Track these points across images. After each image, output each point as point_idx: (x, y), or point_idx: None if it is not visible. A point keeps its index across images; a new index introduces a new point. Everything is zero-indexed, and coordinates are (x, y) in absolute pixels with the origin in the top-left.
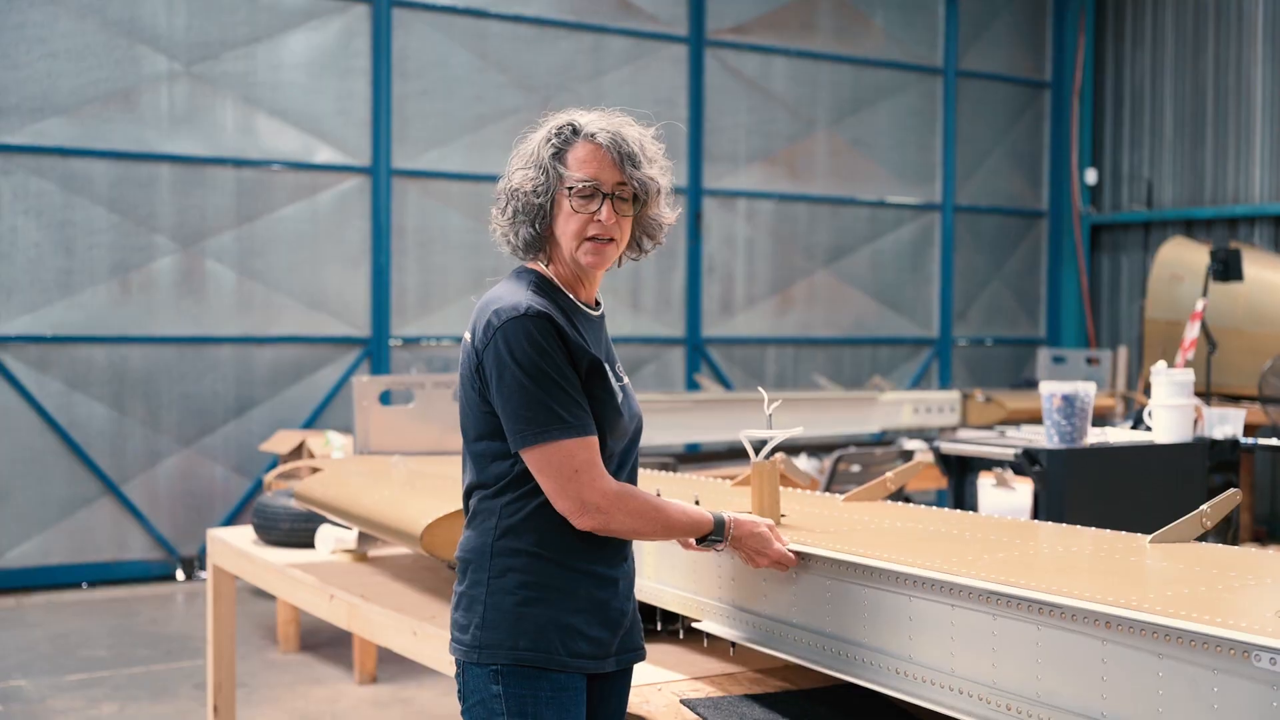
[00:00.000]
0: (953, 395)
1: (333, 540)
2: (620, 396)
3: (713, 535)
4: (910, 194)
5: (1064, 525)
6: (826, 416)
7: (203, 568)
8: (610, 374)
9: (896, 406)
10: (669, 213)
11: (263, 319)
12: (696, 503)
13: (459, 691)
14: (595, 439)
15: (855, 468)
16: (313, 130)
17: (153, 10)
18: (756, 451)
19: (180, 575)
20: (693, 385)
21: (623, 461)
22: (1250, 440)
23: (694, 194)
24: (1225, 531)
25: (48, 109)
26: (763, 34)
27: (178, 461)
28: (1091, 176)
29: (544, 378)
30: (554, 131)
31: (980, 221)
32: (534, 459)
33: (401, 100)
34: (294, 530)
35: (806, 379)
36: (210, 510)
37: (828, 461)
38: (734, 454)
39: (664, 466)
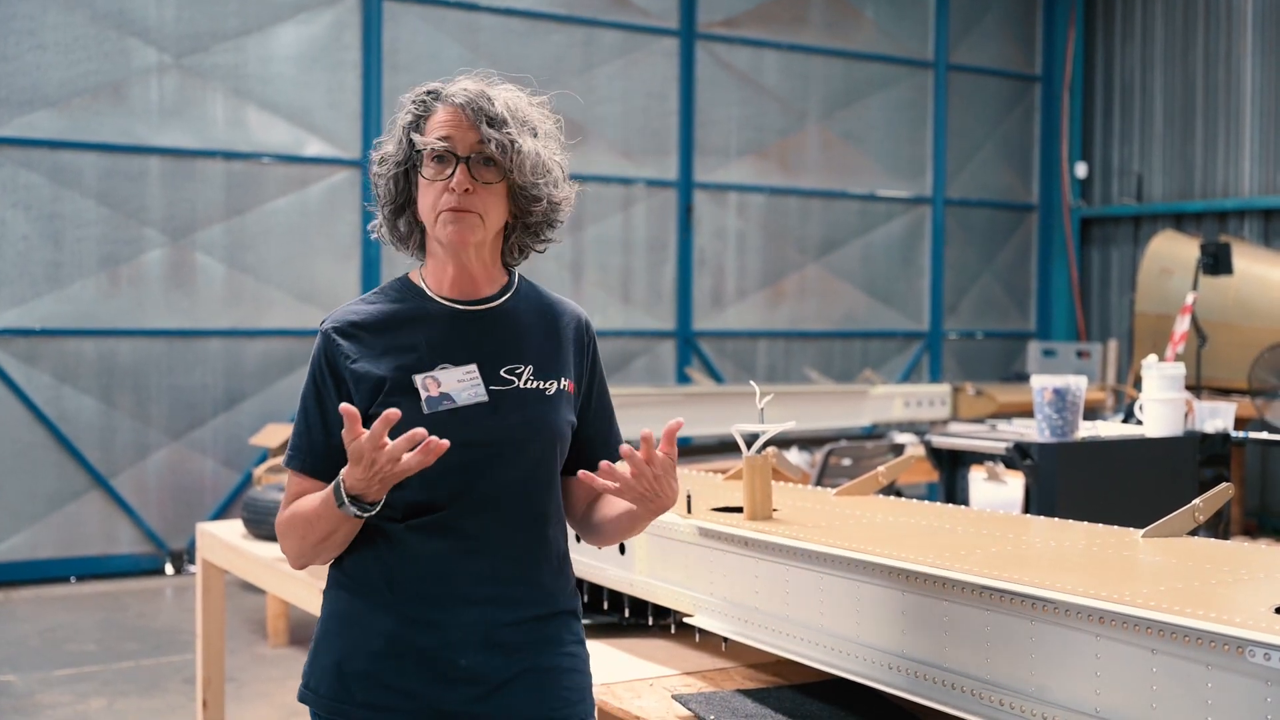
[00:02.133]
0: (943, 389)
1: None
2: (443, 407)
3: (335, 490)
4: (901, 187)
5: (1056, 519)
6: (817, 410)
7: (192, 562)
8: (422, 386)
9: (887, 400)
10: (559, 189)
11: (253, 312)
12: (689, 499)
13: None
14: (300, 477)
15: (846, 461)
16: (303, 123)
17: (142, 2)
18: (748, 446)
19: (169, 569)
20: (683, 379)
21: (473, 481)
22: (1241, 434)
23: (685, 187)
24: (1216, 525)
25: (36, 101)
26: (754, 27)
27: (167, 455)
28: (1082, 170)
29: (300, 398)
30: (413, 98)
31: (971, 215)
32: None
33: (392, 93)
34: None
35: (797, 372)
36: (199, 504)
37: (819, 455)
38: (725, 448)
39: None
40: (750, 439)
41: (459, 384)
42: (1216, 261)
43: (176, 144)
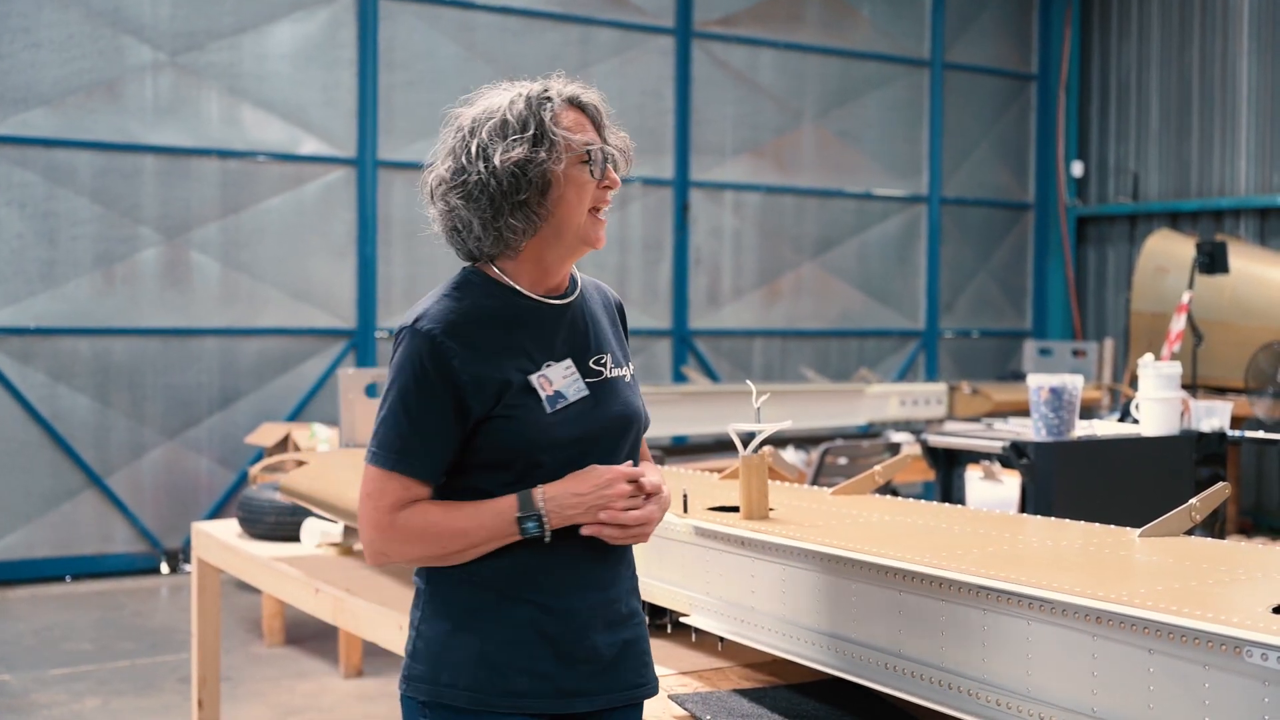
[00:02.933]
0: (940, 387)
1: (318, 533)
2: (563, 404)
3: (525, 520)
4: (897, 186)
5: (1052, 519)
6: (813, 409)
7: (187, 561)
8: (539, 385)
9: (883, 399)
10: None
11: (248, 311)
12: (685, 497)
13: None
14: (407, 480)
15: (842, 460)
16: (298, 121)
17: (137, 0)
18: (745, 445)
19: (165, 568)
20: (679, 377)
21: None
22: (1237, 433)
23: (681, 186)
24: (1212, 524)
25: (31, 99)
26: (750, 26)
27: (162, 454)
28: (1078, 169)
29: (393, 402)
30: (541, 96)
31: (967, 214)
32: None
33: (388, 91)
34: (279, 523)
35: (793, 371)
36: (195, 503)
37: (815, 454)
38: (721, 446)
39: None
40: (746, 438)
41: (564, 380)
42: (1212, 260)
43: (171, 142)
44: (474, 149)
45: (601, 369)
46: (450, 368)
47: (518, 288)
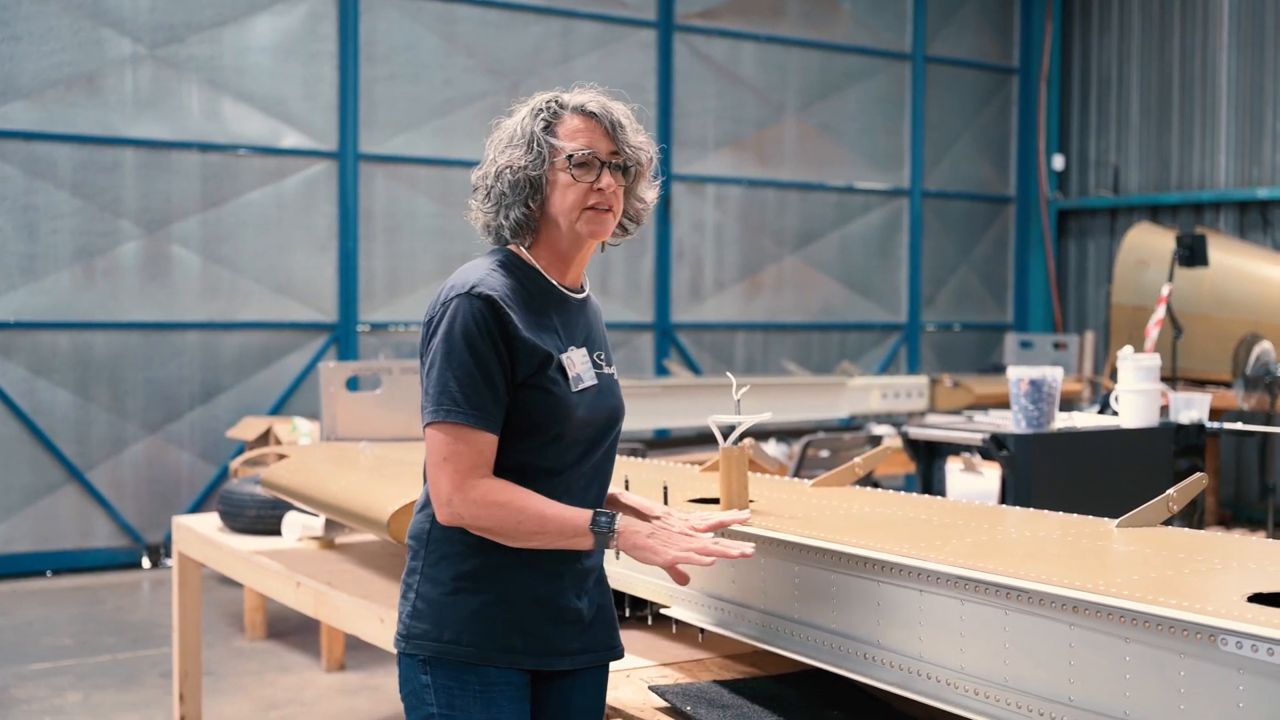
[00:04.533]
0: (921, 380)
1: (299, 527)
2: (581, 386)
3: (600, 527)
4: (879, 179)
5: (1031, 510)
6: (795, 402)
7: (168, 555)
8: (567, 365)
9: (865, 392)
10: (650, 192)
11: (229, 305)
12: (665, 490)
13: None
14: (489, 437)
15: (824, 453)
16: (279, 114)
17: None
18: (725, 437)
19: (146, 563)
20: (662, 371)
21: (587, 451)
22: (1215, 424)
23: (663, 179)
24: (1191, 515)
25: (10, 93)
26: (731, 19)
27: (143, 448)
28: (1059, 162)
29: (460, 360)
30: (541, 107)
31: (948, 207)
32: (427, 438)
33: (369, 84)
34: (260, 517)
35: (775, 364)
36: (176, 497)
37: (796, 447)
38: (703, 439)
39: (633, 452)
40: (727, 430)
41: (583, 365)
42: (1192, 253)
43: (152, 135)
44: (488, 156)
45: (602, 364)
46: (509, 330)
47: (547, 275)
